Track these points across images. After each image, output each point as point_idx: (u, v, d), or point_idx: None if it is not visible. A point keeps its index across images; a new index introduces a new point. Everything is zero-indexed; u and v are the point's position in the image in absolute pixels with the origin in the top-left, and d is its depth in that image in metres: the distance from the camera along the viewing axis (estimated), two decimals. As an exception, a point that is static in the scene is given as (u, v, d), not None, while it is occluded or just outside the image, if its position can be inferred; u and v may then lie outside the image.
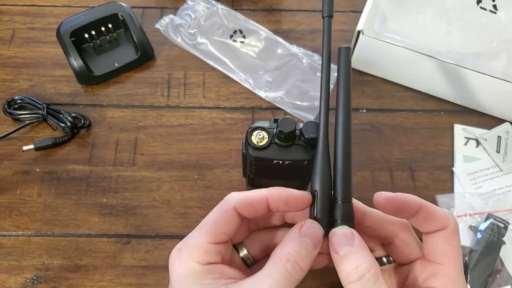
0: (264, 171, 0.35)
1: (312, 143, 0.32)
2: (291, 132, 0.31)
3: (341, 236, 0.26)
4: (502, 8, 0.46)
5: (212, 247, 0.27)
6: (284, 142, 0.32)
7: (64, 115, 0.46)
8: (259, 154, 0.32)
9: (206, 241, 0.27)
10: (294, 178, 0.35)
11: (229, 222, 0.28)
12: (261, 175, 0.36)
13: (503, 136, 0.47)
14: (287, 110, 0.49)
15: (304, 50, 0.51)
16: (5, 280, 0.40)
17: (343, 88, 0.29)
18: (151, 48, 0.51)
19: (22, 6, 0.55)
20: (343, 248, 0.25)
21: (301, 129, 0.32)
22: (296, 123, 0.32)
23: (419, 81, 0.50)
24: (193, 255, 0.27)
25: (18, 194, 0.44)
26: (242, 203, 0.28)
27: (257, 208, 0.28)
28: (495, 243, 0.41)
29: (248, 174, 0.37)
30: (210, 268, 0.26)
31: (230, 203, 0.28)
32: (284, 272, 0.25)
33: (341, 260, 0.25)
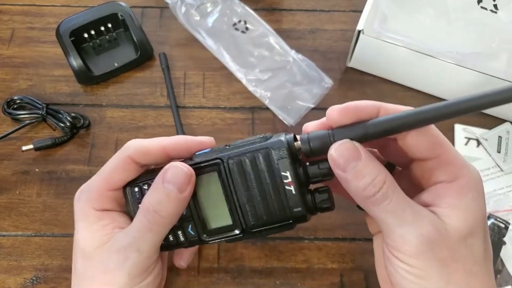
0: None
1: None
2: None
3: (345, 151, 0.24)
4: (502, 8, 0.47)
5: (108, 194, 0.29)
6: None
7: (64, 115, 0.46)
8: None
9: (102, 187, 0.29)
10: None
11: (125, 170, 0.29)
12: None
13: (504, 136, 0.47)
14: (272, 110, 0.48)
15: (301, 56, 0.51)
16: (4, 280, 0.40)
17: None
18: (150, 48, 0.51)
19: (22, 5, 0.54)
20: (351, 164, 0.24)
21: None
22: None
23: (420, 81, 0.50)
24: (90, 200, 0.29)
25: (17, 194, 0.44)
26: (138, 152, 0.29)
27: (154, 157, 0.29)
28: (495, 243, 0.41)
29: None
30: (102, 214, 0.28)
31: (125, 152, 0.29)
32: (145, 223, 0.27)
33: (353, 178, 0.24)
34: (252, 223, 0.28)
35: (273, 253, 0.42)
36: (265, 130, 0.48)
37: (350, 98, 0.49)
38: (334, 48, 0.53)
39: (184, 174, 0.27)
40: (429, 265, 0.23)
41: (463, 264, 0.23)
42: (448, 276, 0.23)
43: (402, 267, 0.24)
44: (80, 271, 0.29)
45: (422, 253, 0.23)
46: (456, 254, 0.23)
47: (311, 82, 0.49)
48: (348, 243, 0.42)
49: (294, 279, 0.41)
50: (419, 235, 0.23)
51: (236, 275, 0.41)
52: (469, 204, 0.24)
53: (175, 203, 0.27)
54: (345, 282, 0.41)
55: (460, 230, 0.23)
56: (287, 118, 0.48)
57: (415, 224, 0.23)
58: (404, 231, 0.23)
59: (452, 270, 0.23)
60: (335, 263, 0.42)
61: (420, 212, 0.24)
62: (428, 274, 0.23)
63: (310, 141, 0.26)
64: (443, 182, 0.25)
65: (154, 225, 0.27)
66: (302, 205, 0.27)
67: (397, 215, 0.23)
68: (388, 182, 0.24)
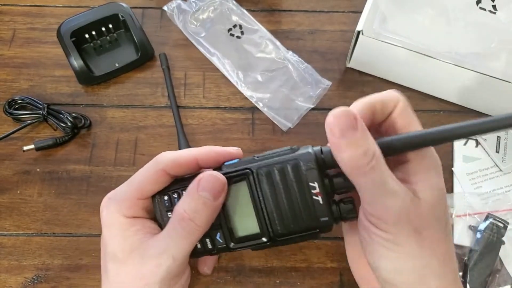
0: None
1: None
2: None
3: (343, 119, 0.25)
4: (501, 8, 0.47)
5: (138, 202, 0.30)
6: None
7: (65, 115, 0.46)
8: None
9: (133, 197, 0.29)
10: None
11: (157, 182, 0.30)
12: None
13: (503, 136, 0.48)
14: (267, 114, 0.49)
15: (298, 58, 0.51)
16: (5, 279, 0.40)
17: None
18: (151, 48, 0.51)
19: (23, 6, 0.55)
20: (347, 132, 0.24)
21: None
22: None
23: (419, 81, 0.50)
24: (120, 208, 0.29)
25: (18, 194, 0.44)
26: (172, 164, 0.29)
27: (185, 168, 0.30)
28: (494, 243, 0.41)
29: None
30: (134, 221, 0.29)
31: (159, 165, 0.29)
32: (179, 231, 0.27)
33: (346, 146, 0.25)
34: (279, 231, 0.28)
35: (273, 253, 0.42)
36: (265, 130, 0.48)
37: (350, 98, 0.50)
38: (333, 49, 0.53)
39: (219, 182, 0.27)
40: (406, 232, 0.26)
41: (432, 231, 0.26)
42: (421, 242, 0.26)
43: (380, 234, 0.26)
44: (112, 276, 0.29)
45: (400, 221, 0.25)
46: (426, 223, 0.26)
47: (308, 84, 0.50)
48: (347, 243, 0.42)
49: (294, 278, 0.41)
50: (399, 206, 0.25)
51: (236, 274, 0.41)
52: (433, 180, 0.27)
53: (210, 211, 0.27)
54: (344, 281, 0.41)
55: (429, 202, 0.26)
56: (282, 121, 0.48)
57: (396, 196, 0.25)
58: (387, 201, 0.25)
59: (424, 237, 0.26)
60: (335, 262, 0.42)
61: (400, 186, 0.26)
62: (403, 241, 0.26)
63: (331, 154, 0.27)
64: (413, 160, 0.27)
65: (188, 233, 0.28)
66: (329, 215, 0.28)
67: (382, 186, 0.25)
68: (377, 155, 0.25)
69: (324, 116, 0.26)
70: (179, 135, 0.47)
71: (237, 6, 0.54)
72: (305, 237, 0.29)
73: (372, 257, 0.27)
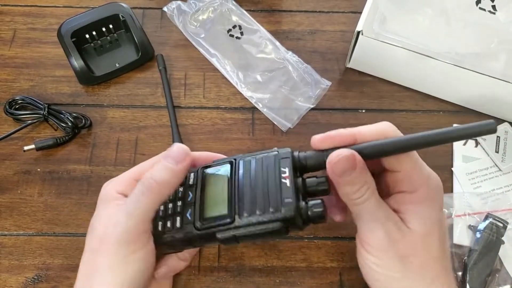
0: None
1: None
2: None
3: (345, 161, 0.27)
4: (501, 8, 0.47)
5: (133, 183, 0.31)
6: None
7: (65, 115, 0.46)
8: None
9: (129, 177, 0.33)
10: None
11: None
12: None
13: (502, 136, 0.48)
14: (266, 114, 0.49)
15: (297, 58, 0.51)
16: (6, 279, 0.41)
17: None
18: (151, 48, 0.51)
19: (23, 6, 0.55)
20: (346, 172, 0.27)
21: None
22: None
23: (419, 82, 0.50)
24: (115, 185, 0.32)
25: (19, 193, 0.44)
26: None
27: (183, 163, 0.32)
28: (494, 242, 0.41)
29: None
30: (121, 197, 0.31)
31: (160, 156, 0.32)
32: (139, 188, 0.29)
33: (345, 184, 0.28)
34: (245, 214, 0.29)
35: (273, 252, 0.42)
36: (265, 130, 0.48)
37: (349, 99, 0.50)
38: (333, 49, 0.53)
39: (181, 149, 0.30)
40: (391, 257, 0.28)
41: (420, 258, 0.28)
42: (407, 267, 0.28)
43: (369, 258, 0.29)
44: (86, 245, 0.31)
45: (385, 246, 0.28)
46: (414, 250, 0.28)
47: (308, 85, 0.50)
48: (347, 242, 0.43)
49: (294, 278, 0.41)
50: (384, 232, 0.28)
51: (236, 274, 0.41)
52: (425, 211, 0.29)
53: (169, 173, 0.29)
54: (344, 281, 0.41)
55: (419, 232, 0.28)
56: (282, 121, 0.48)
57: (383, 223, 0.28)
58: (374, 227, 0.28)
59: (410, 262, 0.28)
60: (335, 262, 0.42)
61: (389, 215, 0.29)
62: (389, 265, 0.28)
63: (307, 159, 0.30)
64: (405, 192, 0.29)
65: (148, 189, 0.29)
66: (293, 197, 0.28)
67: (371, 214, 0.28)
68: (371, 189, 0.28)
69: (324, 116, 0.26)
70: (173, 136, 0.47)
71: (236, 7, 0.54)
72: (269, 225, 0.28)
73: (366, 277, 0.31)
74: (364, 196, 0.28)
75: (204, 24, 0.53)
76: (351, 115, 0.48)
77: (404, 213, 0.29)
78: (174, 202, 0.32)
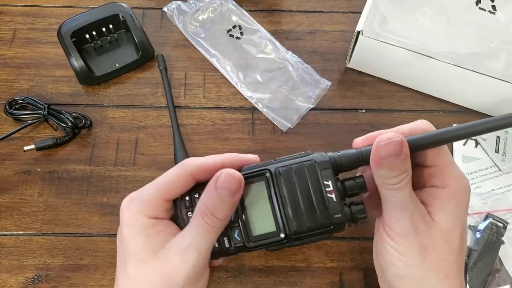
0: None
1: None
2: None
3: (392, 146, 0.27)
4: (501, 8, 0.47)
5: (163, 204, 0.30)
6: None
7: (65, 115, 0.46)
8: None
9: (159, 198, 0.30)
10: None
11: (183, 185, 0.31)
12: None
13: (502, 136, 0.48)
14: (266, 114, 0.49)
15: (297, 58, 0.51)
16: (6, 279, 0.41)
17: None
18: (151, 48, 0.51)
19: (23, 6, 0.55)
20: (390, 157, 0.27)
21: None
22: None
23: (418, 82, 0.50)
24: (143, 208, 0.29)
25: (19, 194, 0.44)
26: (199, 169, 0.31)
27: (211, 173, 0.30)
28: (494, 242, 0.41)
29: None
30: (156, 222, 0.30)
31: (188, 170, 0.30)
32: (203, 225, 0.28)
33: (387, 168, 0.28)
34: (295, 229, 0.29)
35: (273, 252, 0.42)
36: (265, 130, 0.48)
37: (349, 99, 0.50)
38: (333, 49, 0.53)
39: (235, 179, 0.29)
40: (412, 245, 0.29)
41: (440, 251, 0.29)
42: (425, 257, 0.29)
43: (389, 242, 0.30)
44: (133, 276, 0.29)
45: (409, 235, 0.29)
46: (435, 243, 0.29)
47: (308, 85, 0.50)
48: (347, 242, 0.43)
49: (294, 278, 0.41)
50: (411, 221, 0.29)
51: (237, 274, 0.41)
52: (452, 208, 0.29)
53: (228, 207, 0.29)
54: (344, 281, 0.41)
55: (443, 227, 0.29)
56: (282, 121, 0.48)
57: (412, 213, 0.29)
58: (402, 214, 0.29)
59: (429, 254, 0.29)
60: (334, 262, 0.42)
61: (418, 206, 0.29)
62: (409, 252, 0.29)
63: (341, 158, 0.30)
64: (437, 187, 0.30)
65: (211, 227, 0.28)
66: (342, 212, 0.29)
67: (402, 202, 0.29)
68: (408, 178, 0.28)
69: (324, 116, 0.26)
70: (174, 137, 0.47)
71: (236, 7, 0.54)
72: (319, 235, 0.29)
73: (381, 260, 0.31)
74: (400, 183, 0.28)
75: (204, 24, 0.53)
76: (351, 115, 0.48)
77: (431, 206, 0.30)
78: None
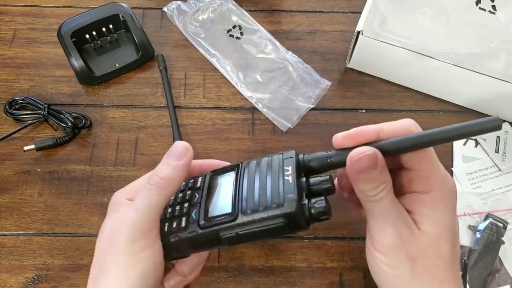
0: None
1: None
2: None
3: (366, 160, 0.27)
4: (501, 8, 0.47)
5: (140, 189, 0.32)
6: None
7: (65, 115, 0.46)
8: None
9: (141, 183, 0.32)
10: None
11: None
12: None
13: (502, 136, 0.48)
14: (266, 114, 0.49)
15: (297, 58, 0.51)
16: (6, 279, 0.41)
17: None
18: (151, 48, 0.51)
19: (23, 6, 0.55)
20: (366, 170, 0.27)
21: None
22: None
23: (418, 82, 0.50)
24: (125, 192, 0.32)
25: (19, 194, 0.44)
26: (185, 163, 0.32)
27: (193, 173, 0.34)
28: (494, 242, 0.41)
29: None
30: (128, 201, 0.32)
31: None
32: (146, 185, 0.30)
33: (364, 182, 0.28)
34: (248, 211, 0.29)
35: (273, 252, 0.42)
36: (265, 130, 0.48)
37: (349, 99, 0.50)
38: (333, 49, 0.53)
39: (182, 146, 0.31)
40: (400, 257, 0.28)
41: (430, 260, 0.28)
42: (416, 269, 0.28)
43: (378, 257, 0.29)
44: (97, 249, 0.31)
45: (396, 246, 0.28)
46: (425, 252, 0.28)
47: (308, 85, 0.50)
48: (347, 242, 0.43)
49: (294, 278, 0.41)
50: (396, 232, 0.28)
51: (236, 274, 0.41)
52: (438, 214, 0.28)
53: (172, 168, 0.30)
54: (344, 281, 0.41)
55: (430, 234, 0.28)
56: (282, 122, 0.48)
57: (395, 223, 0.28)
58: (385, 226, 0.28)
59: (420, 264, 0.28)
60: (334, 262, 0.42)
61: (402, 215, 0.28)
62: (399, 265, 0.28)
63: (310, 160, 0.30)
64: (419, 192, 0.29)
65: (153, 185, 0.30)
66: (294, 191, 0.28)
67: (384, 213, 0.28)
68: (387, 188, 0.28)
69: (324, 116, 0.26)
70: (174, 137, 0.47)
71: (236, 7, 0.54)
72: (272, 219, 0.28)
73: (374, 276, 0.30)
74: (379, 194, 0.28)
75: (204, 24, 0.53)
76: (351, 115, 0.48)
77: (416, 214, 0.29)
78: (181, 204, 0.32)
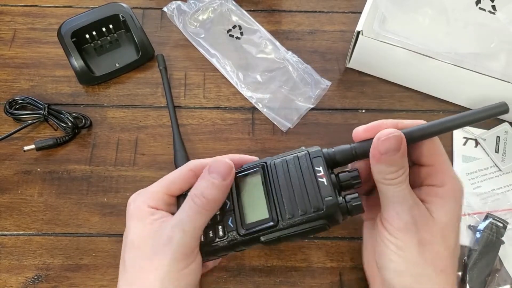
0: None
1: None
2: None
3: (392, 140, 0.28)
4: (501, 8, 0.47)
5: (164, 197, 0.32)
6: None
7: (65, 115, 0.46)
8: None
9: (160, 191, 0.32)
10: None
11: (185, 181, 0.33)
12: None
13: (502, 136, 0.48)
14: (266, 114, 0.49)
15: (297, 58, 0.51)
16: (6, 279, 0.41)
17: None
18: (151, 48, 0.51)
19: (23, 6, 0.55)
20: (390, 152, 0.28)
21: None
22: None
23: (418, 82, 0.50)
24: (145, 199, 0.32)
25: (19, 194, 0.44)
26: (198, 166, 0.33)
27: None
28: (494, 242, 0.41)
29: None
30: (155, 211, 0.31)
31: (189, 166, 0.33)
32: (191, 205, 0.30)
33: (386, 163, 0.29)
34: (286, 214, 0.30)
35: (273, 252, 0.42)
36: (265, 130, 0.48)
37: (349, 99, 0.50)
38: (333, 49, 0.53)
39: (226, 164, 0.31)
40: (410, 240, 0.29)
41: (437, 247, 0.30)
42: (423, 252, 0.29)
43: (388, 238, 0.30)
44: (129, 263, 0.30)
45: (409, 229, 0.29)
46: (433, 238, 0.30)
47: (308, 85, 0.50)
48: (347, 242, 0.43)
49: (294, 278, 0.41)
50: (410, 216, 0.29)
51: (237, 274, 0.41)
52: (451, 205, 0.31)
53: (219, 189, 0.30)
54: (344, 281, 0.41)
55: (441, 222, 0.30)
56: (282, 122, 0.48)
57: (411, 208, 0.29)
58: (401, 209, 0.29)
59: (427, 249, 0.29)
60: (334, 261, 0.42)
61: (417, 201, 0.30)
62: (408, 247, 0.30)
63: (335, 154, 0.31)
64: (434, 185, 0.31)
65: (200, 207, 0.30)
66: (333, 195, 0.29)
67: (401, 197, 0.29)
68: (406, 173, 0.29)
69: (324, 116, 0.26)
70: (174, 137, 0.47)
71: (236, 7, 0.54)
72: (312, 221, 0.30)
73: (379, 257, 0.31)
74: (399, 178, 0.29)
75: (204, 24, 0.53)
76: (351, 115, 0.48)
77: (430, 203, 0.30)
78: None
